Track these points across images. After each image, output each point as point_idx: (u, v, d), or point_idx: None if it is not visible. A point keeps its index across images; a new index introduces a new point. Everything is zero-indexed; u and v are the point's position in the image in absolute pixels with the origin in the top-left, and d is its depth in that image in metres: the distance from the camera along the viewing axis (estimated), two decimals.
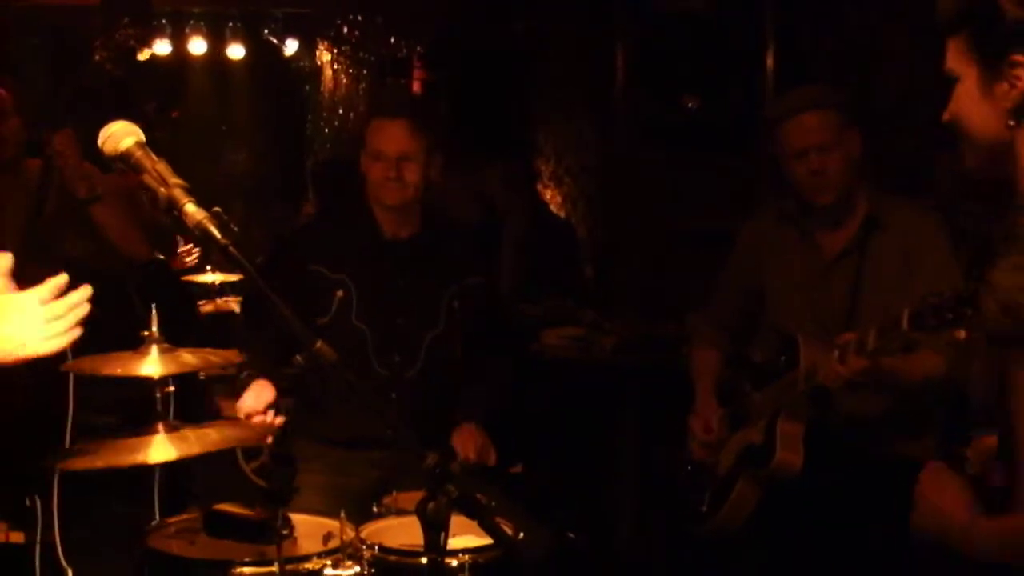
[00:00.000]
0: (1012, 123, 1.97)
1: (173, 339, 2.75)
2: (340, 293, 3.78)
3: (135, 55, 8.42)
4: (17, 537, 3.64)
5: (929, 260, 3.47)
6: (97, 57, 7.56)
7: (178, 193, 2.08)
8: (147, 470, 3.77)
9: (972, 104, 2.05)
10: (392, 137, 3.73)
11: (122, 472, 2.88)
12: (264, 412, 3.52)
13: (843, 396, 3.51)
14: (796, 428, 3.58)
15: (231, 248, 2.04)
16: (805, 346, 3.55)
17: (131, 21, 7.96)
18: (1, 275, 2.27)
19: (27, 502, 3.59)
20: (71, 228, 4.37)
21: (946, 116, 2.17)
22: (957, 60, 2.09)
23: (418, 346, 3.83)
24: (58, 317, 2.20)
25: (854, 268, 3.64)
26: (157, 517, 3.71)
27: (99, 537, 4.02)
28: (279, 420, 3.52)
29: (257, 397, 3.54)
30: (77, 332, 2.23)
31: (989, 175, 2.14)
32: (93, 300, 2.23)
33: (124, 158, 2.16)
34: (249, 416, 3.50)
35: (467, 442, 3.72)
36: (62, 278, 2.23)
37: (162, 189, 2.09)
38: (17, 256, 2.29)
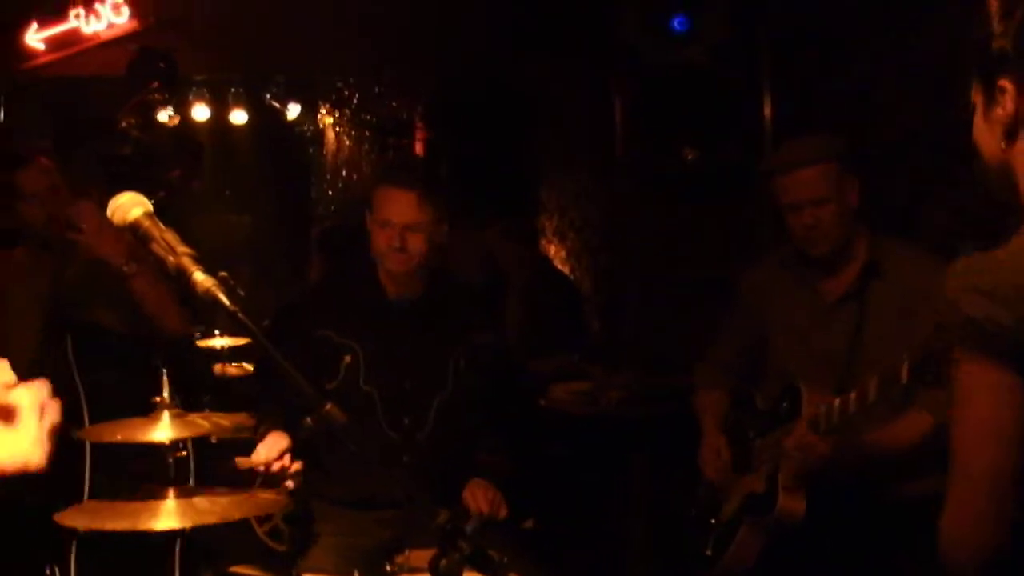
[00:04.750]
0: (1003, 146, 2.03)
1: (190, 404, 2.78)
2: (348, 358, 3.80)
3: (158, 121, 8.51)
4: None
5: (928, 305, 3.48)
6: (124, 124, 7.61)
7: (186, 261, 2.12)
8: (166, 537, 3.79)
9: (979, 130, 2.11)
10: (400, 207, 3.75)
11: (140, 539, 2.89)
12: (280, 458, 3.53)
13: None
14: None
15: (239, 315, 2.07)
16: (808, 395, 3.57)
17: (160, 87, 8.03)
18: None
19: (47, 571, 3.60)
20: (99, 295, 4.36)
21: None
22: (974, 90, 2.16)
23: (427, 408, 3.84)
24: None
25: (854, 313, 3.66)
26: None
27: None
28: (296, 465, 3.53)
29: (272, 446, 3.57)
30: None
31: (1002, 197, 2.19)
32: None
33: (132, 228, 2.19)
34: (266, 465, 3.52)
35: (479, 496, 3.73)
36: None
37: (171, 258, 2.13)
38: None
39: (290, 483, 3.45)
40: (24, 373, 1.90)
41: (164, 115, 8.74)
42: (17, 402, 1.80)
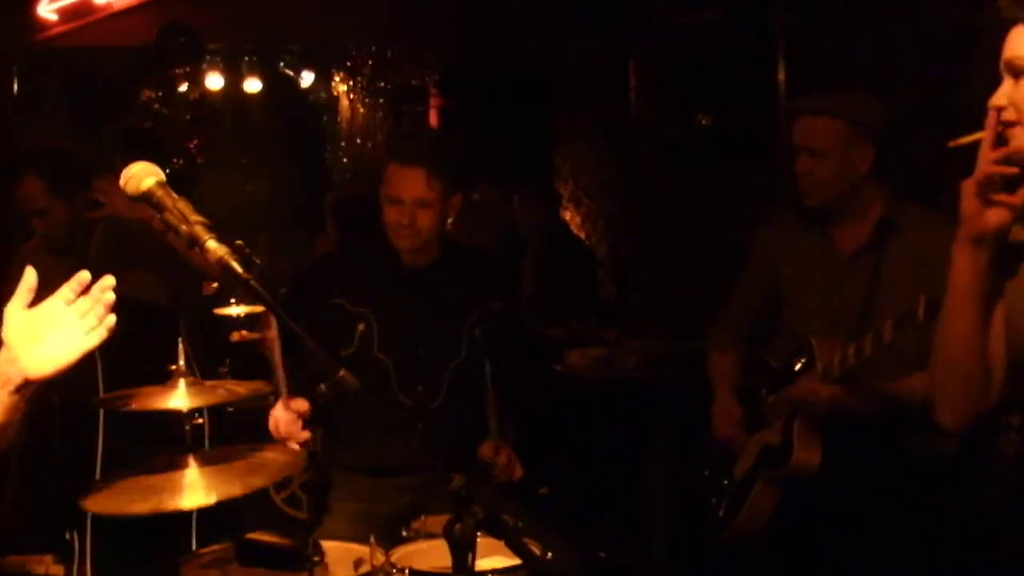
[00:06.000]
0: None
1: (207, 372, 2.80)
2: (362, 326, 3.81)
3: (186, 95, 8.55)
4: (57, 571, 3.69)
5: (945, 264, 3.46)
6: (145, 98, 7.66)
7: (199, 230, 2.13)
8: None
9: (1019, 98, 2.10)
10: (408, 184, 3.73)
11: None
12: (296, 420, 3.50)
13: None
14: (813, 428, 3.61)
15: (252, 282, 2.08)
16: (820, 346, 3.57)
17: (183, 62, 8.06)
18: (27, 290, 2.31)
19: (67, 536, 3.63)
20: (119, 265, 4.39)
21: (1000, 100, 2.19)
22: None
23: (441, 376, 3.85)
24: (87, 311, 2.30)
25: (870, 268, 3.64)
26: (194, 547, 3.75)
27: (136, 571, 4.06)
28: (305, 434, 3.52)
29: (287, 407, 3.55)
30: (111, 319, 2.33)
31: None
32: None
33: (146, 197, 2.21)
34: (279, 427, 3.49)
35: (492, 456, 3.74)
36: (83, 275, 2.33)
37: (184, 226, 2.14)
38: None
39: (295, 445, 3.43)
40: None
41: (185, 87, 8.77)
42: (52, 310, 2.27)
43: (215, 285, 6.01)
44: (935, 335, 2.39)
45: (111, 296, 2.33)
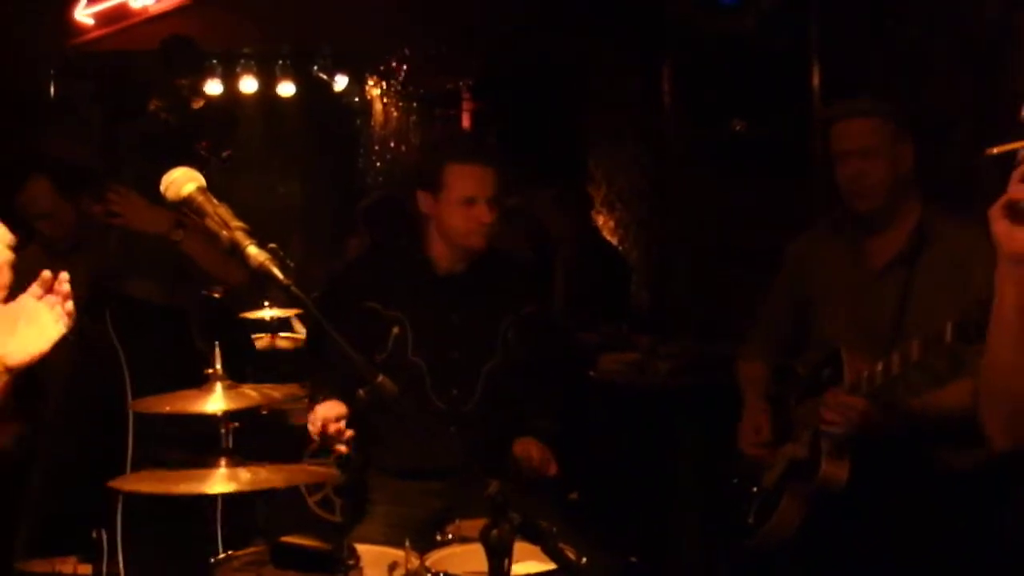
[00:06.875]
0: None
1: (232, 375, 2.82)
2: (396, 330, 3.81)
3: (190, 104, 8.60)
4: (85, 570, 3.72)
5: (979, 274, 3.43)
6: (152, 107, 7.74)
7: (240, 235, 2.14)
8: (209, 503, 3.84)
9: None
10: (483, 183, 3.76)
11: (185, 505, 2.91)
12: (336, 421, 3.54)
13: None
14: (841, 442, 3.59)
15: (293, 288, 2.09)
16: (849, 359, 3.55)
17: (186, 73, 8.12)
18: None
19: (93, 534, 3.66)
20: (134, 268, 4.42)
21: None
22: None
23: (475, 379, 3.86)
24: (54, 304, 2.49)
25: (903, 279, 3.61)
26: (220, 549, 3.78)
27: (162, 568, 4.09)
28: (350, 433, 3.55)
29: (329, 409, 3.58)
30: (69, 304, 2.50)
31: None
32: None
33: (186, 203, 2.22)
34: (322, 426, 3.52)
35: (528, 451, 3.75)
36: (46, 273, 2.51)
37: (224, 232, 2.15)
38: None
39: (343, 447, 3.46)
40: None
41: (212, 87, 8.78)
42: (24, 304, 2.46)
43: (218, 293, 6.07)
44: (982, 362, 2.33)
45: (67, 286, 2.50)
